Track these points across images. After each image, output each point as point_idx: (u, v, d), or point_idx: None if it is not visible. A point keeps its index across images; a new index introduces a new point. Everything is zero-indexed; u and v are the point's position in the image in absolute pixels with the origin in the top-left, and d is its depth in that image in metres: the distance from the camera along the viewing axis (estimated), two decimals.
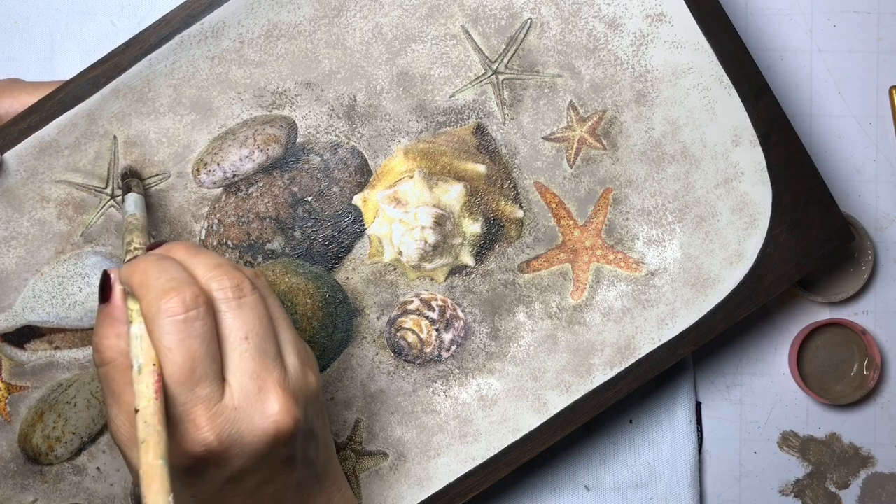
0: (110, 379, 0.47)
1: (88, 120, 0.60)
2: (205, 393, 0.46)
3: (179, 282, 0.46)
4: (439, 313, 0.62)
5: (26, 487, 0.61)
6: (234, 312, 0.47)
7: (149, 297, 0.46)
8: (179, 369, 0.45)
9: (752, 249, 0.63)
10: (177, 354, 0.45)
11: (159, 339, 0.45)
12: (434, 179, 0.62)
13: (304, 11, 0.61)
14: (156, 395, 0.44)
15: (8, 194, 0.60)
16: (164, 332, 0.45)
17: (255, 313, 0.48)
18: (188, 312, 0.45)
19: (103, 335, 0.48)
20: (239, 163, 0.61)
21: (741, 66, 0.63)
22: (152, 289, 0.46)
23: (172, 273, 0.47)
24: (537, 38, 0.62)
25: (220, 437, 0.45)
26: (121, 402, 0.47)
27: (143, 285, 0.47)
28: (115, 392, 0.47)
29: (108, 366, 0.48)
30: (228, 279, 0.48)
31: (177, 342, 0.45)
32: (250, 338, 0.47)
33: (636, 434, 0.71)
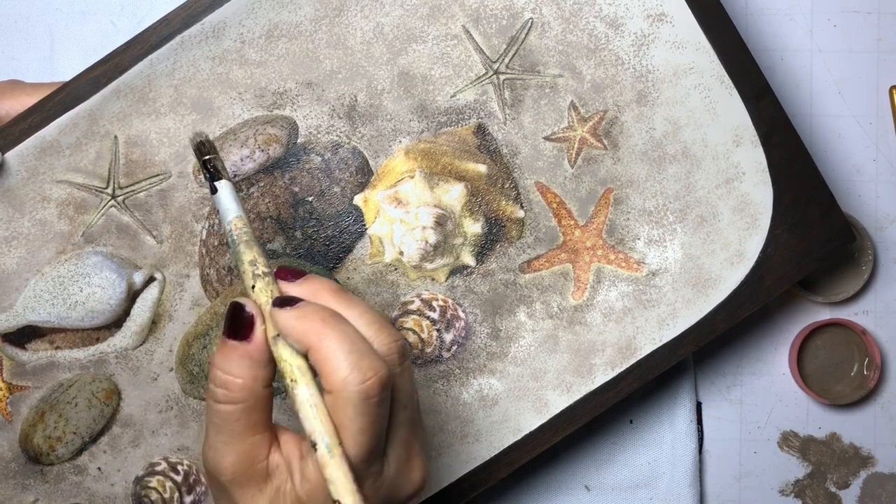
0: (234, 419, 0.45)
1: (89, 120, 0.60)
2: (376, 469, 0.45)
3: (372, 359, 0.44)
4: (440, 313, 0.62)
5: (27, 487, 0.61)
6: (398, 381, 0.46)
7: (341, 374, 0.43)
8: (365, 452, 0.44)
9: (753, 249, 0.63)
10: (367, 437, 0.43)
11: (351, 419, 0.43)
12: (435, 179, 0.62)
13: (304, 11, 0.61)
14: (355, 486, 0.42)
15: (9, 194, 0.60)
16: (359, 413, 0.43)
17: (410, 380, 0.46)
18: (382, 394, 0.43)
19: (236, 374, 0.45)
20: (240, 163, 0.61)
21: (742, 67, 0.63)
22: (345, 363, 0.43)
23: (360, 346, 0.44)
24: (538, 38, 0.62)
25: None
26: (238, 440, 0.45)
27: (329, 355, 0.44)
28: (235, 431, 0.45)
29: (236, 405, 0.45)
30: (395, 344, 0.46)
31: (369, 425, 0.43)
32: (408, 406, 0.46)
33: (637, 434, 0.71)
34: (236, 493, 0.46)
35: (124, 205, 0.61)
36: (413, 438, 0.47)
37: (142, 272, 0.61)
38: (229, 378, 0.45)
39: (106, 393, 0.61)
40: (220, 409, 0.46)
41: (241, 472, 0.46)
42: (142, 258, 0.61)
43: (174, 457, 0.62)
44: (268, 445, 0.46)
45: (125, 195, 0.61)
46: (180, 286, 0.61)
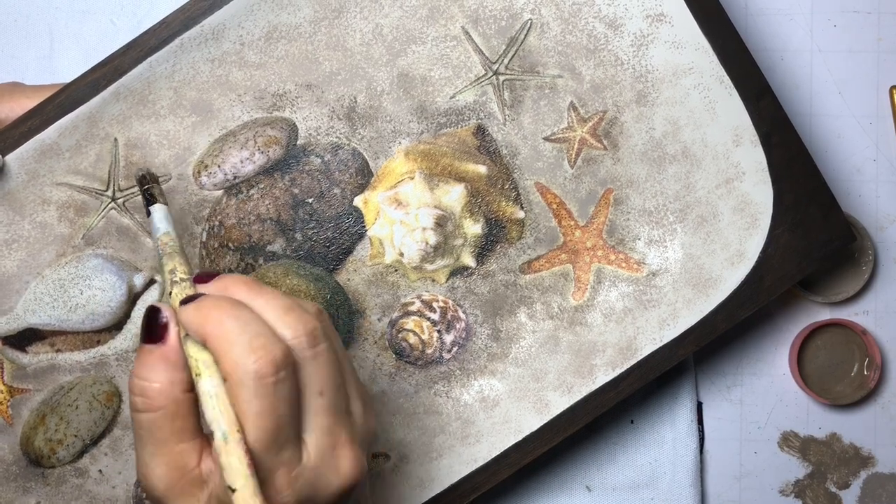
0: (157, 427, 0.44)
1: (89, 123, 0.60)
2: (287, 456, 0.43)
3: (266, 338, 0.43)
4: (441, 314, 0.62)
5: (28, 490, 0.61)
6: (309, 366, 0.44)
7: (233, 355, 0.42)
8: (266, 435, 0.42)
9: (754, 249, 0.63)
10: (266, 420, 0.42)
11: (247, 402, 0.42)
12: (435, 180, 0.62)
13: (304, 13, 0.61)
14: (250, 470, 0.41)
15: (9, 197, 0.60)
16: (254, 395, 0.42)
17: (329, 365, 0.45)
18: (278, 374, 0.42)
19: (153, 378, 0.44)
20: (240, 165, 0.61)
21: (742, 67, 0.63)
22: (236, 345, 0.42)
23: (255, 327, 0.43)
24: (537, 39, 0.62)
25: (299, 499, 0.44)
26: (165, 451, 0.44)
27: (222, 339, 0.43)
28: (160, 441, 0.44)
29: (155, 413, 0.44)
30: (302, 326, 0.44)
31: (266, 406, 0.42)
32: (325, 392, 0.44)
33: (638, 434, 0.71)
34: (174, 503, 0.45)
35: (124, 207, 0.61)
36: (338, 427, 0.45)
37: (142, 274, 0.61)
38: (146, 384, 0.44)
39: (107, 395, 0.61)
40: (141, 419, 0.45)
41: (172, 482, 0.44)
42: (142, 260, 0.61)
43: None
44: (198, 452, 0.45)
45: (125, 197, 0.60)
46: None
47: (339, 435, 0.45)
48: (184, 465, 0.44)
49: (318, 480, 0.44)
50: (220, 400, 0.42)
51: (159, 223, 0.49)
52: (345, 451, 0.45)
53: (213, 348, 0.43)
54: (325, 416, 0.44)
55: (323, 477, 0.44)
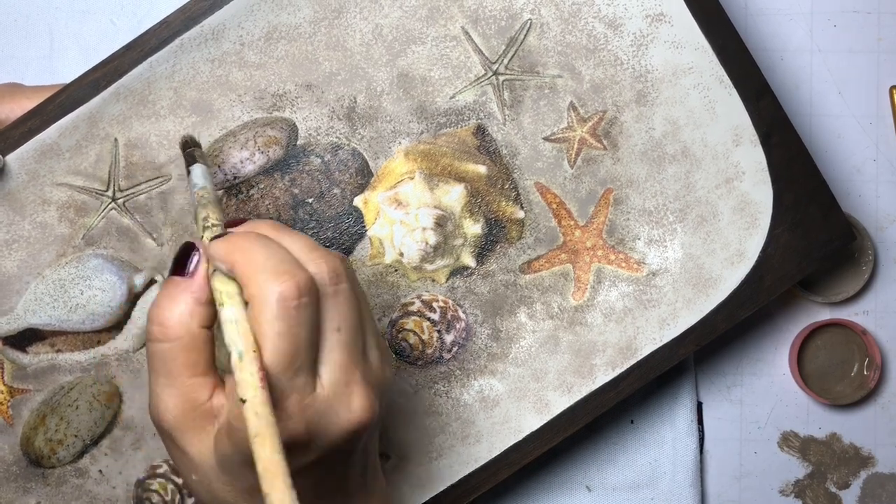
0: (170, 358, 0.45)
1: (89, 123, 0.60)
2: (301, 382, 0.44)
3: (291, 265, 0.44)
4: (440, 314, 0.62)
5: (28, 490, 0.61)
6: (329, 301, 0.45)
7: (260, 279, 0.43)
8: (283, 357, 0.43)
9: (754, 249, 0.63)
10: (284, 341, 0.43)
11: (269, 323, 0.43)
12: (435, 181, 0.62)
13: (303, 13, 0.61)
14: (262, 383, 0.42)
15: (9, 197, 0.60)
16: (276, 316, 0.43)
17: (348, 303, 0.46)
18: (301, 299, 0.43)
19: (173, 309, 0.45)
20: (240, 165, 0.61)
21: (741, 67, 0.63)
22: (263, 270, 0.44)
23: (282, 255, 0.45)
24: (537, 39, 0.62)
25: (309, 428, 0.44)
26: (176, 383, 0.45)
27: (250, 265, 0.44)
28: (173, 372, 0.45)
29: (171, 343, 0.45)
30: (326, 263, 0.46)
31: (287, 328, 0.43)
32: (343, 329, 0.46)
33: (638, 434, 0.71)
34: (181, 438, 0.45)
35: (125, 207, 0.61)
36: (353, 366, 0.46)
37: (142, 275, 0.61)
38: (165, 312, 0.45)
39: (107, 395, 0.61)
40: (156, 349, 0.45)
41: (182, 414, 0.45)
42: (142, 261, 0.61)
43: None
44: (210, 388, 0.46)
45: (125, 198, 0.61)
46: None
47: (353, 373, 0.46)
48: (195, 398, 0.45)
49: (329, 413, 0.45)
50: (241, 325, 0.43)
51: (196, 179, 0.51)
52: (358, 389, 0.46)
53: (239, 275, 0.44)
54: (341, 351, 0.45)
55: (334, 411, 0.45)
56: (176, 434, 0.45)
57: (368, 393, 0.46)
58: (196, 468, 0.46)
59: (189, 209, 0.61)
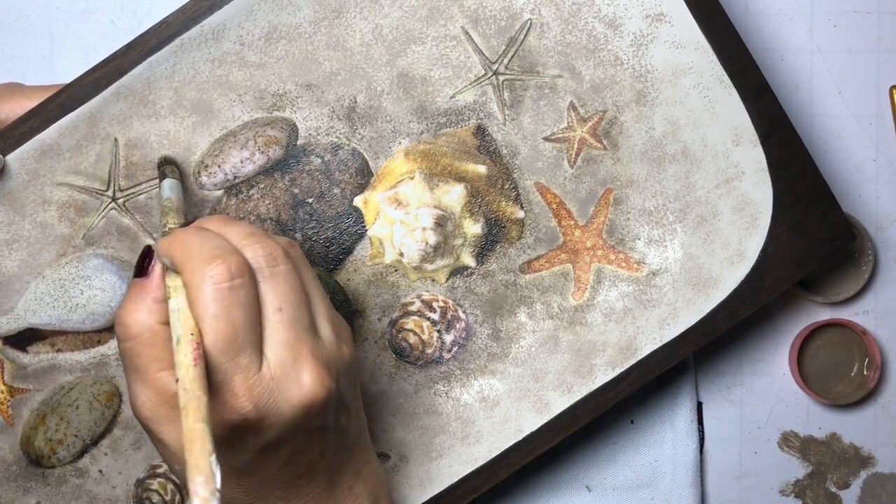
0: (135, 354, 0.47)
1: (89, 122, 0.60)
2: (244, 362, 0.45)
3: (224, 250, 0.46)
4: (440, 314, 0.62)
5: (28, 490, 0.61)
6: (267, 283, 0.47)
7: (192, 265, 0.46)
8: (222, 337, 0.45)
9: (754, 249, 0.63)
10: (220, 322, 0.45)
11: (204, 306, 0.45)
12: (435, 180, 0.62)
13: (304, 13, 0.61)
14: (195, 362, 0.44)
15: (9, 197, 0.60)
16: (209, 299, 0.45)
17: (288, 283, 0.48)
18: (233, 280, 0.45)
19: (132, 309, 0.48)
20: (240, 165, 0.61)
21: (741, 66, 0.63)
22: (195, 257, 0.46)
23: (215, 241, 0.47)
24: (537, 39, 0.62)
25: (258, 407, 0.45)
26: (146, 378, 0.47)
27: (184, 254, 0.46)
28: (140, 368, 0.47)
29: (133, 341, 0.47)
30: (262, 248, 0.48)
31: (221, 310, 0.45)
32: (284, 308, 0.47)
33: (638, 434, 0.71)
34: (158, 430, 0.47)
35: (125, 207, 0.61)
36: (299, 344, 0.47)
37: None
38: (125, 312, 0.48)
39: (107, 395, 0.61)
40: (123, 348, 0.48)
41: (156, 407, 0.47)
42: None
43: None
44: None
45: (125, 197, 0.61)
46: None
47: (300, 350, 0.47)
48: (165, 391, 0.47)
49: (279, 391, 0.46)
50: (181, 312, 0.46)
51: (164, 192, 0.55)
52: (306, 365, 0.47)
53: (177, 264, 0.47)
54: (285, 330, 0.47)
55: (283, 388, 0.46)
56: (153, 426, 0.47)
57: (319, 369, 0.47)
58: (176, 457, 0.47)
59: (188, 209, 0.61)
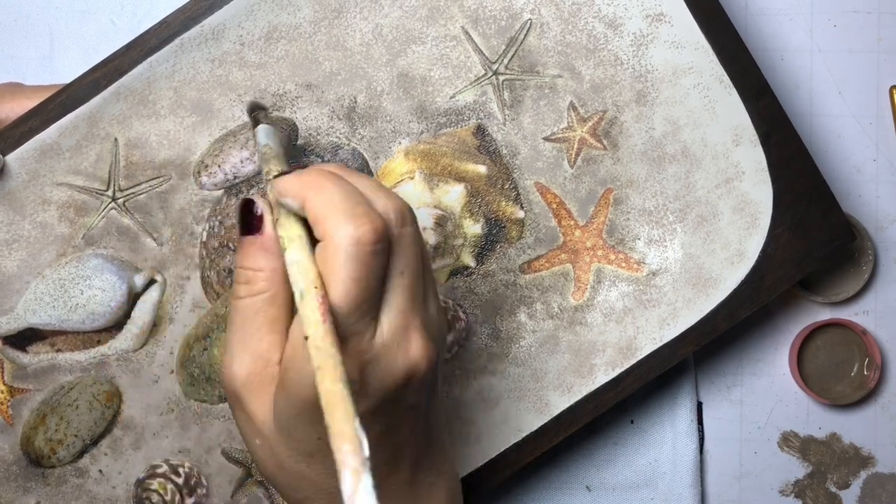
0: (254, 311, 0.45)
1: (89, 122, 0.60)
2: (362, 326, 0.43)
3: (368, 207, 0.43)
4: None
5: (28, 490, 0.61)
6: (396, 244, 0.44)
7: (335, 219, 0.42)
8: (353, 300, 0.42)
9: (754, 249, 0.63)
10: (357, 286, 0.42)
11: (342, 265, 0.42)
12: (435, 180, 0.62)
13: (304, 13, 0.61)
14: (323, 318, 0.41)
15: (9, 197, 0.60)
16: (350, 259, 0.42)
17: (413, 247, 0.45)
18: (377, 245, 0.42)
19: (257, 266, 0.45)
20: (240, 165, 0.61)
21: (741, 66, 0.63)
22: (339, 210, 0.42)
23: (357, 196, 0.43)
24: (537, 39, 0.62)
25: (363, 373, 0.43)
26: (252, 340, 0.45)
27: (324, 203, 0.43)
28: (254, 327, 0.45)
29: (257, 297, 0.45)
30: (394, 204, 0.44)
31: (360, 273, 0.42)
32: (406, 273, 0.44)
33: (638, 434, 0.71)
34: (249, 398, 0.45)
35: (125, 207, 0.61)
36: (412, 312, 0.44)
37: (142, 274, 0.61)
38: (250, 272, 0.46)
39: (107, 395, 0.61)
40: (241, 305, 0.46)
41: (254, 374, 0.45)
42: (142, 260, 0.61)
43: (175, 459, 0.62)
44: (281, 350, 0.45)
45: (125, 197, 0.61)
46: (181, 288, 0.61)
47: (412, 319, 0.45)
48: (267, 359, 0.45)
49: (386, 359, 0.44)
50: (303, 265, 0.43)
51: (260, 139, 0.52)
52: (416, 335, 0.45)
53: (312, 212, 0.43)
54: (404, 296, 0.44)
55: (391, 356, 0.44)
56: (244, 394, 0.45)
57: (426, 340, 0.45)
58: (259, 431, 0.45)
59: (188, 209, 0.61)
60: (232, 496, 0.62)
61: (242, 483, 0.62)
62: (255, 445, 0.46)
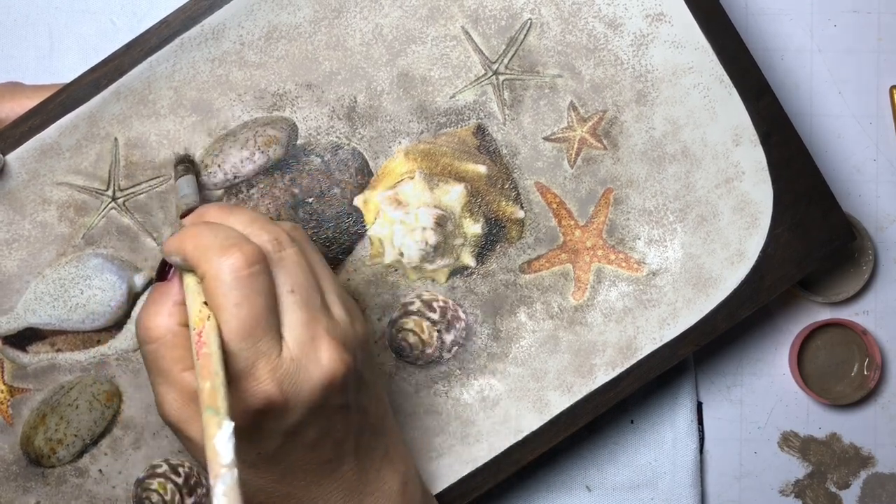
0: (159, 357, 0.48)
1: (89, 122, 0.60)
2: (266, 347, 0.46)
3: (236, 238, 0.47)
4: (440, 314, 0.62)
5: (28, 490, 0.61)
6: (277, 267, 0.48)
7: (209, 256, 0.46)
8: (244, 324, 0.45)
9: (754, 249, 0.63)
10: (242, 309, 0.45)
11: (224, 295, 0.46)
12: (435, 180, 0.62)
13: (304, 13, 0.61)
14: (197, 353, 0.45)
15: (9, 197, 0.60)
16: (230, 287, 0.46)
17: (297, 266, 0.48)
18: (251, 268, 0.46)
19: (154, 312, 0.49)
20: (240, 164, 0.61)
21: (741, 66, 0.63)
22: (210, 248, 0.46)
23: (226, 231, 0.47)
24: (537, 39, 0.62)
25: (281, 389, 0.46)
26: (170, 379, 0.48)
27: (199, 247, 0.47)
28: (164, 369, 0.48)
29: (156, 343, 0.48)
30: (266, 233, 0.49)
31: (242, 297, 0.45)
32: (296, 290, 0.48)
33: (638, 434, 0.71)
34: (186, 428, 0.48)
35: (125, 207, 0.61)
36: (314, 322, 0.48)
37: (142, 274, 0.61)
38: (147, 317, 0.49)
39: (107, 395, 0.61)
40: (146, 351, 0.49)
41: (182, 407, 0.48)
42: (142, 260, 0.61)
43: (175, 459, 0.62)
44: None
45: (125, 197, 0.61)
46: None
47: (315, 328, 0.48)
48: (190, 391, 0.48)
49: (300, 372, 0.47)
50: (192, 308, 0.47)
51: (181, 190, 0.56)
52: (323, 343, 0.48)
53: (191, 259, 0.47)
54: (300, 311, 0.47)
55: (304, 368, 0.47)
56: (181, 426, 0.48)
57: (336, 345, 0.48)
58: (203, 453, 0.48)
59: None
60: None
61: None
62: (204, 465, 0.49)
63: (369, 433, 0.52)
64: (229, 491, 0.40)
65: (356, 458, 0.51)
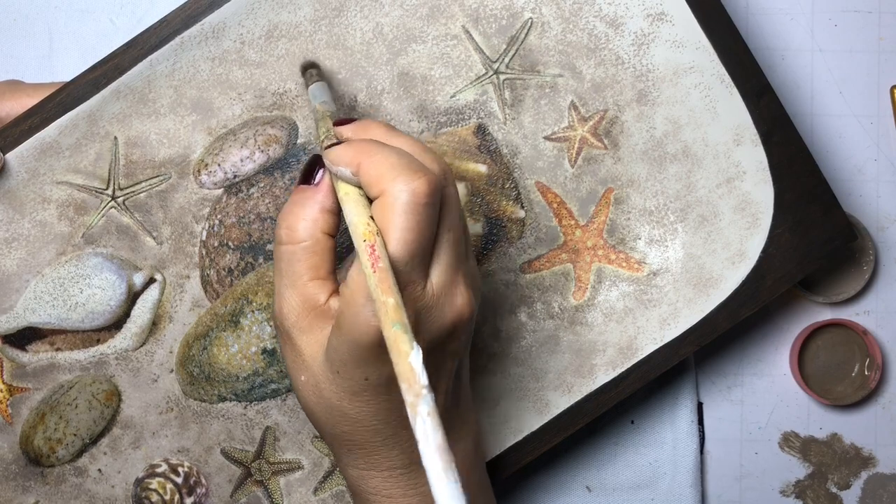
0: (295, 260, 0.48)
1: (89, 121, 0.60)
2: (416, 276, 0.46)
3: (421, 165, 0.46)
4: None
5: (28, 489, 0.61)
6: (444, 199, 0.47)
7: (391, 175, 0.45)
8: (409, 249, 0.45)
9: (754, 249, 0.63)
10: (412, 234, 0.45)
11: (399, 216, 0.45)
12: None
13: (304, 12, 0.61)
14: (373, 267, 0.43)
15: (9, 196, 0.60)
16: (407, 212, 0.45)
17: (457, 206, 0.48)
18: (431, 197, 0.45)
19: (301, 215, 0.48)
20: (240, 163, 0.61)
21: (742, 66, 0.63)
22: (393, 168, 0.45)
23: (409, 156, 0.47)
24: (538, 38, 0.62)
25: (416, 319, 0.46)
26: (297, 284, 0.48)
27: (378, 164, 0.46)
28: (296, 273, 0.48)
29: (296, 245, 0.48)
30: (439, 166, 0.48)
31: (415, 223, 0.45)
32: (452, 230, 0.48)
33: (638, 434, 0.71)
34: (298, 336, 0.48)
35: (124, 206, 0.60)
36: (457, 267, 0.48)
37: (142, 273, 0.61)
38: (292, 218, 0.49)
39: (106, 394, 0.61)
40: (282, 251, 0.49)
41: (301, 314, 0.48)
42: (142, 259, 0.61)
43: (175, 458, 0.62)
44: (328, 291, 0.48)
45: (125, 196, 0.60)
46: (180, 287, 0.61)
47: (458, 272, 0.48)
48: (314, 300, 0.48)
49: (435, 309, 0.47)
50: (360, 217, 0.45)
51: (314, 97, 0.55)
52: (461, 288, 0.48)
53: (366, 175, 0.46)
54: (450, 252, 0.47)
55: (439, 307, 0.47)
56: (294, 332, 0.48)
57: (469, 292, 0.48)
58: (307, 368, 0.48)
59: (188, 208, 0.61)
60: (231, 496, 0.62)
61: (242, 483, 0.62)
62: (300, 381, 0.49)
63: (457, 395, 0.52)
64: (433, 412, 0.38)
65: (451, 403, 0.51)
